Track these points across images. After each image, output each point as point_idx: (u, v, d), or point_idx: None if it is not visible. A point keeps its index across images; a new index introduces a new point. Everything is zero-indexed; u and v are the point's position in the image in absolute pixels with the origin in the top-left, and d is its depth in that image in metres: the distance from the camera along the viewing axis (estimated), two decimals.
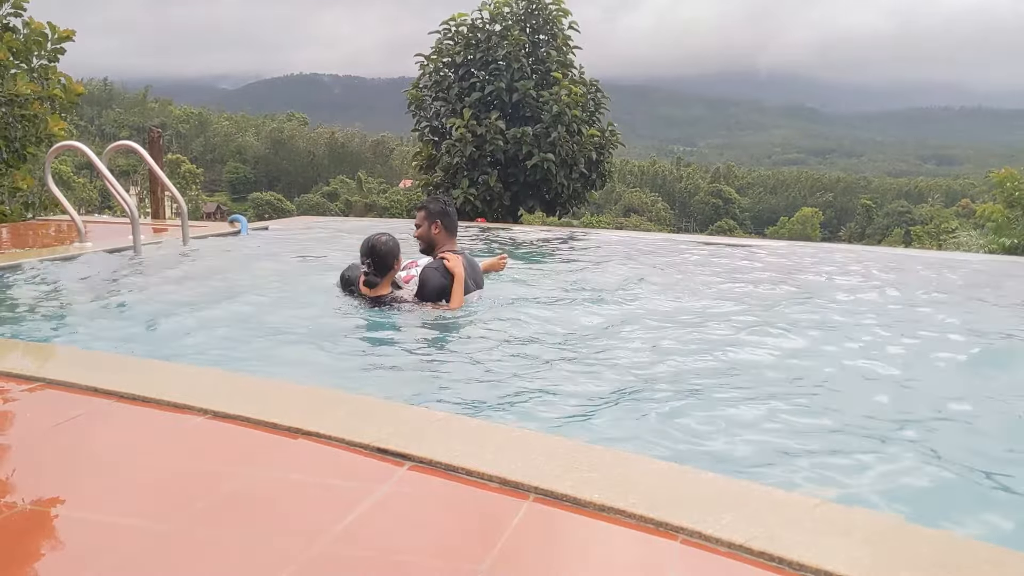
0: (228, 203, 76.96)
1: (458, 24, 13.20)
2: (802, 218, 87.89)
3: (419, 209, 4.69)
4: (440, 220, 4.57)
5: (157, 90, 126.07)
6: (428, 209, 4.59)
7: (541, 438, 2.49)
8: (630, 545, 1.85)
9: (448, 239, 4.61)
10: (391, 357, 3.80)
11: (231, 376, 3.20)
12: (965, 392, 3.42)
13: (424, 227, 4.59)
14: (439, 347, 3.95)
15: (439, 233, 4.58)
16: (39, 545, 1.88)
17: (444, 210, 4.59)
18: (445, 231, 4.59)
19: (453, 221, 4.65)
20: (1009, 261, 8.65)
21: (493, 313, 4.52)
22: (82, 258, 6.28)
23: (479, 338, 4.06)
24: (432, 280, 4.38)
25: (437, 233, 4.58)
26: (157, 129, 11.00)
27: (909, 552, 1.76)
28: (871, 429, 2.96)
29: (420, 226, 4.62)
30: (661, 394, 3.28)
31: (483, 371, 3.57)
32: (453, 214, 4.67)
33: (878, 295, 5.64)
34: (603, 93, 13.48)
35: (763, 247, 8.66)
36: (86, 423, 2.61)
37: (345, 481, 2.17)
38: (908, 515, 2.06)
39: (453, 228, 4.65)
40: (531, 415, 3.03)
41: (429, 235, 4.59)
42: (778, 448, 2.75)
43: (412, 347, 3.95)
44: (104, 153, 7.73)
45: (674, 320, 4.67)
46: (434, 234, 4.58)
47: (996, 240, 12.33)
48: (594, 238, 9.30)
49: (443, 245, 4.58)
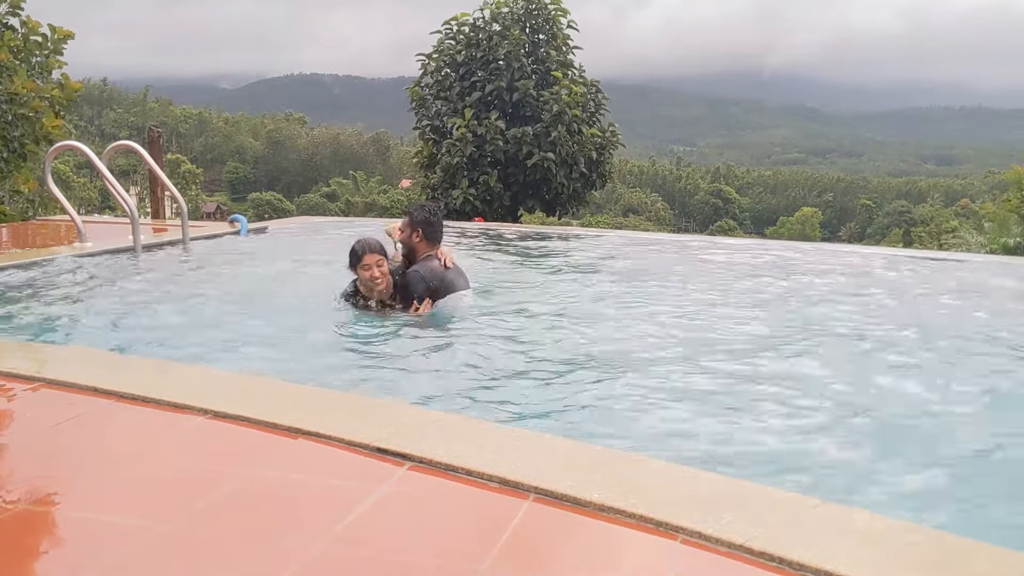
0: (228, 203, 76.93)
1: (460, 24, 13.20)
2: (802, 218, 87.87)
3: (405, 214, 4.79)
4: (421, 229, 4.64)
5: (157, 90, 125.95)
6: (412, 216, 4.68)
7: (541, 438, 2.49)
8: (630, 545, 1.85)
9: (428, 247, 4.67)
10: (391, 358, 3.80)
11: (231, 376, 3.21)
12: (967, 392, 3.42)
13: (406, 233, 4.69)
14: (439, 348, 3.95)
15: (419, 242, 4.65)
16: (39, 545, 1.88)
17: (427, 219, 4.66)
18: (425, 240, 4.65)
19: (435, 231, 4.70)
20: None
21: (492, 314, 4.52)
22: (82, 258, 6.28)
23: (479, 339, 4.06)
24: (417, 284, 4.49)
25: (418, 241, 4.65)
26: (157, 129, 10.99)
27: (909, 552, 1.76)
28: (872, 429, 2.96)
29: (403, 231, 4.73)
30: (661, 394, 3.28)
31: (483, 371, 3.57)
32: (437, 224, 4.72)
33: (879, 296, 5.64)
34: (603, 94, 13.48)
35: (759, 246, 8.66)
36: (86, 423, 2.61)
37: (345, 481, 2.17)
38: (908, 515, 2.06)
39: (434, 238, 4.69)
40: (531, 415, 3.03)
41: (410, 242, 4.69)
42: (778, 448, 2.75)
43: (412, 348, 3.95)
44: (104, 153, 7.73)
45: (673, 320, 4.67)
46: (415, 242, 4.66)
47: (997, 240, 12.32)
48: (593, 238, 9.30)
49: (422, 253, 4.66)
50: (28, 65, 9.28)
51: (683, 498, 2.00)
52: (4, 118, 8.77)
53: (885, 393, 3.40)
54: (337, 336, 4.19)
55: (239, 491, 2.11)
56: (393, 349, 3.93)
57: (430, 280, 4.49)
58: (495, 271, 6.29)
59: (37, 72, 9.36)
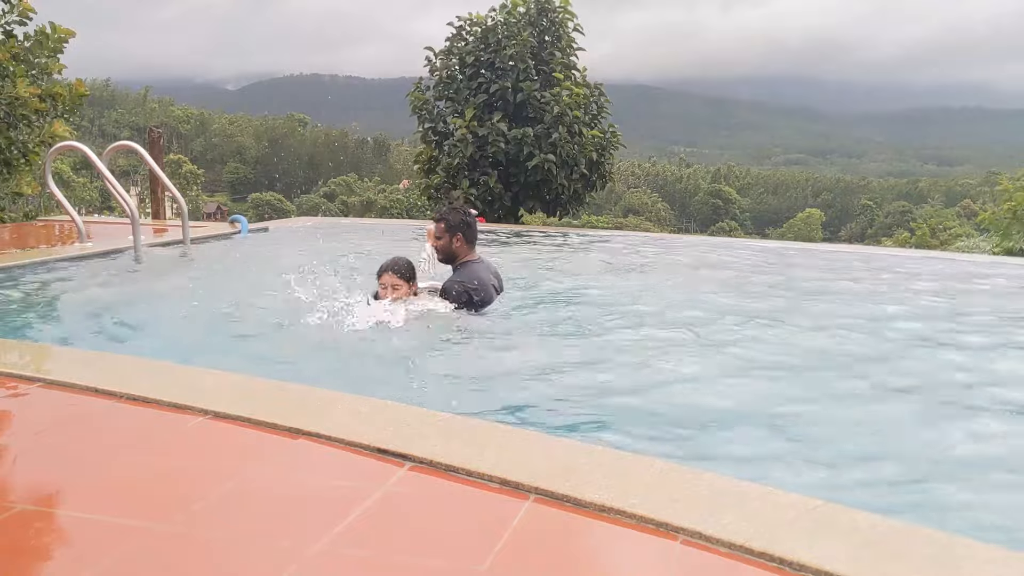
0: (228, 203, 76.93)
1: (473, 23, 13.16)
2: (804, 219, 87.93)
3: (438, 221, 4.67)
4: (462, 232, 4.59)
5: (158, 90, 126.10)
6: (448, 221, 4.60)
7: (541, 438, 2.49)
8: (630, 545, 1.85)
9: (469, 251, 4.65)
10: (391, 358, 3.80)
11: (231, 376, 3.20)
12: (969, 393, 3.42)
13: (445, 239, 4.60)
14: (439, 348, 3.95)
15: (460, 246, 4.61)
16: (39, 545, 1.88)
17: (465, 221, 4.61)
18: (466, 243, 4.62)
19: (474, 232, 4.68)
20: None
21: (494, 314, 4.52)
22: (82, 258, 6.28)
23: (479, 339, 4.06)
24: (459, 297, 4.40)
25: (459, 246, 4.60)
26: (158, 129, 10.98)
27: (909, 552, 1.76)
28: (872, 430, 2.96)
29: (440, 238, 4.63)
30: (661, 394, 3.28)
31: (484, 372, 3.58)
32: (474, 224, 4.69)
33: (881, 297, 5.63)
34: (606, 96, 13.47)
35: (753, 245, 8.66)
36: (86, 423, 2.61)
37: (345, 481, 2.17)
38: (908, 515, 2.05)
39: (473, 239, 4.67)
40: (531, 415, 3.03)
41: (450, 247, 4.61)
42: (779, 448, 2.75)
43: (412, 348, 3.95)
44: (104, 153, 7.74)
45: (673, 320, 4.67)
46: (455, 247, 4.60)
47: (1000, 243, 12.32)
48: (593, 237, 9.30)
49: (463, 256, 4.62)
50: (29, 66, 9.27)
51: (683, 498, 2.00)
52: (6, 120, 8.77)
53: (888, 394, 3.40)
54: (338, 337, 4.19)
55: (239, 491, 2.11)
56: (394, 350, 3.93)
57: (475, 291, 4.41)
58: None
59: (39, 74, 9.35)
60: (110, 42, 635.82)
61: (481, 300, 4.44)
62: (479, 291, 4.43)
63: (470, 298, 4.39)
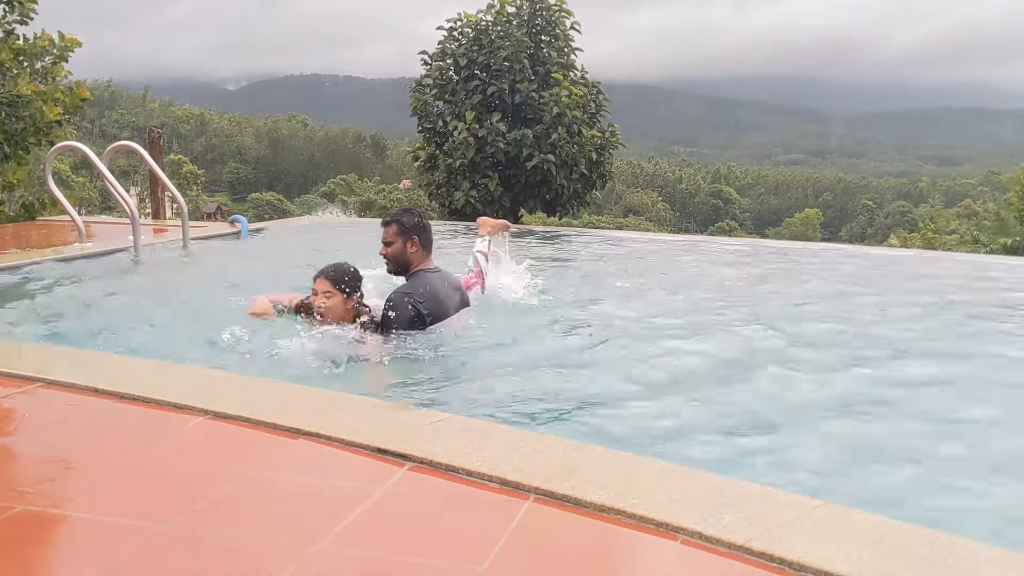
0: (228, 203, 76.92)
1: (464, 24, 13.15)
2: (803, 219, 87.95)
3: (388, 224, 4.08)
4: (417, 236, 4.02)
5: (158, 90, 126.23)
6: (402, 223, 4.02)
7: (541, 438, 2.49)
8: (630, 545, 1.85)
9: (424, 257, 4.09)
10: (392, 358, 3.80)
11: (231, 376, 3.21)
12: (970, 394, 3.42)
13: (398, 244, 4.02)
14: (439, 349, 3.94)
15: (415, 251, 4.04)
16: (39, 545, 1.88)
17: (420, 223, 4.06)
18: (422, 248, 4.06)
19: (430, 236, 4.13)
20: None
21: (490, 315, 4.51)
22: (82, 259, 6.28)
23: (478, 339, 4.05)
24: (403, 311, 3.85)
25: (414, 252, 4.03)
26: (158, 129, 10.98)
27: (909, 552, 1.76)
28: (872, 430, 2.96)
29: (392, 243, 4.03)
30: (661, 394, 3.28)
31: (483, 372, 3.57)
32: (430, 228, 4.15)
33: (881, 297, 5.63)
34: (604, 96, 13.46)
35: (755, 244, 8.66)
36: (86, 423, 2.61)
37: (345, 481, 2.17)
38: (908, 515, 2.05)
39: (429, 244, 4.12)
40: (531, 415, 3.03)
41: (404, 253, 4.03)
42: (779, 449, 2.75)
43: (412, 348, 3.94)
44: (104, 153, 7.73)
45: (672, 321, 4.67)
46: (410, 252, 4.03)
47: (996, 239, 12.34)
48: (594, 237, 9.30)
49: (418, 264, 4.06)
50: (31, 67, 9.27)
51: (683, 498, 2.00)
52: (3, 115, 8.76)
53: (888, 395, 3.40)
54: (336, 337, 4.18)
55: (239, 491, 2.11)
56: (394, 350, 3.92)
57: (423, 305, 3.85)
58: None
59: (41, 75, 9.35)
60: (110, 42, 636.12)
61: (431, 314, 3.89)
62: (427, 303, 3.87)
63: (418, 313, 3.84)
